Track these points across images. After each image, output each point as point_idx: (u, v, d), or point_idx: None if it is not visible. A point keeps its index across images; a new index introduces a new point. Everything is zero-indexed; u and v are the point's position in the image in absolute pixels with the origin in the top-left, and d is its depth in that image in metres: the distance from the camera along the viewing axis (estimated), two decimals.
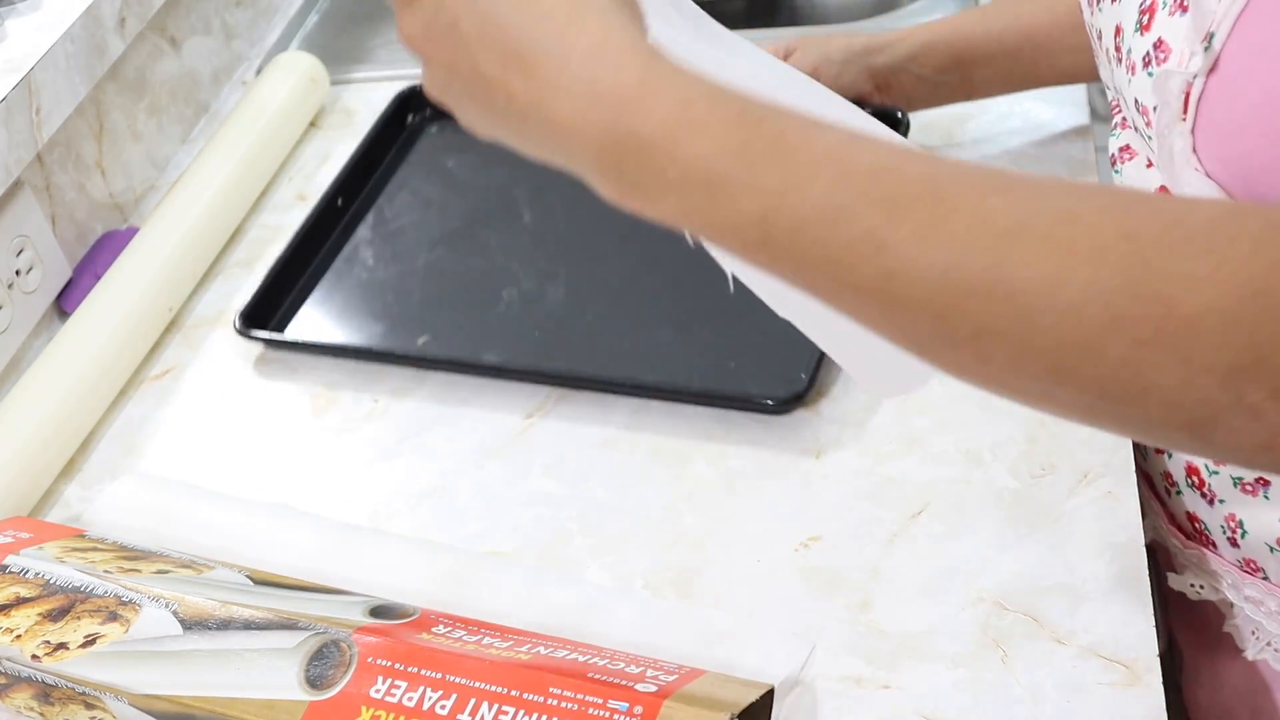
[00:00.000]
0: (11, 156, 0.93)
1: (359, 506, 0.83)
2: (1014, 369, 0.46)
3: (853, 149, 0.45)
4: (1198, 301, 0.43)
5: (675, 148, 0.44)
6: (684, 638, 0.70)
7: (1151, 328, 0.44)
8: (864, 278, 0.45)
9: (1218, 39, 0.60)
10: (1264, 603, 0.76)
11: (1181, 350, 0.44)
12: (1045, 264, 0.44)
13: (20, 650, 0.67)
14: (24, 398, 0.88)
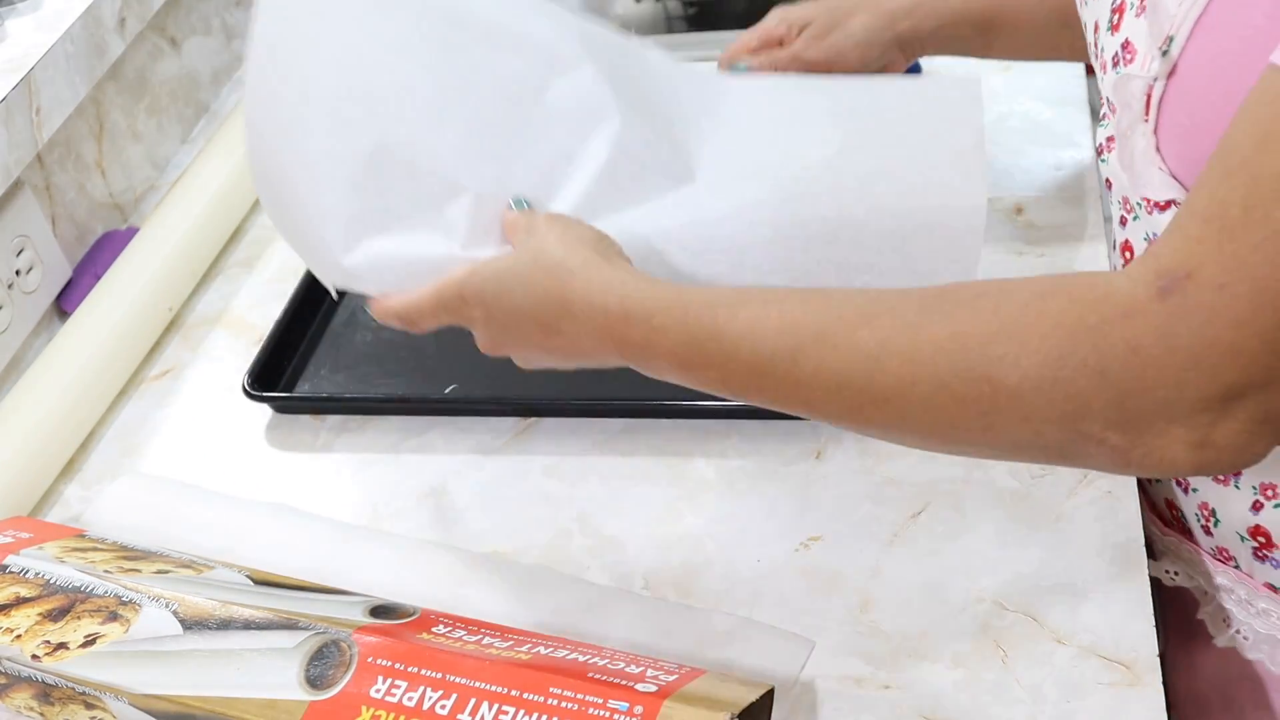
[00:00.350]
0: (11, 156, 0.93)
1: (359, 506, 0.83)
2: (914, 443, 0.62)
3: (764, 315, 0.62)
4: (1014, 376, 0.56)
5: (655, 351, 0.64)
6: (684, 638, 0.70)
7: (988, 401, 0.57)
8: (790, 404, 0.63)
9: (1176, 43, 0.62)
10: (1234, 591, 0.77)
11: (1019, 412, 0.56)
12: (902, 370, 0.58)
13: (20, 650, 0.67)
14: (24, 398, 0.88)
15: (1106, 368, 0.54)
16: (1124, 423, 0.55)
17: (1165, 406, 0.54)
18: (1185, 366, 0.53)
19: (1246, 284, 0.52)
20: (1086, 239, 0.92)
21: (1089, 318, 0.55)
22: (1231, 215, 0.53)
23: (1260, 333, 0.52)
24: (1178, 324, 0.53)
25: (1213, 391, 0.53)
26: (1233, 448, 0.55)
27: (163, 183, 1.17)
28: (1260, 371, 0.53)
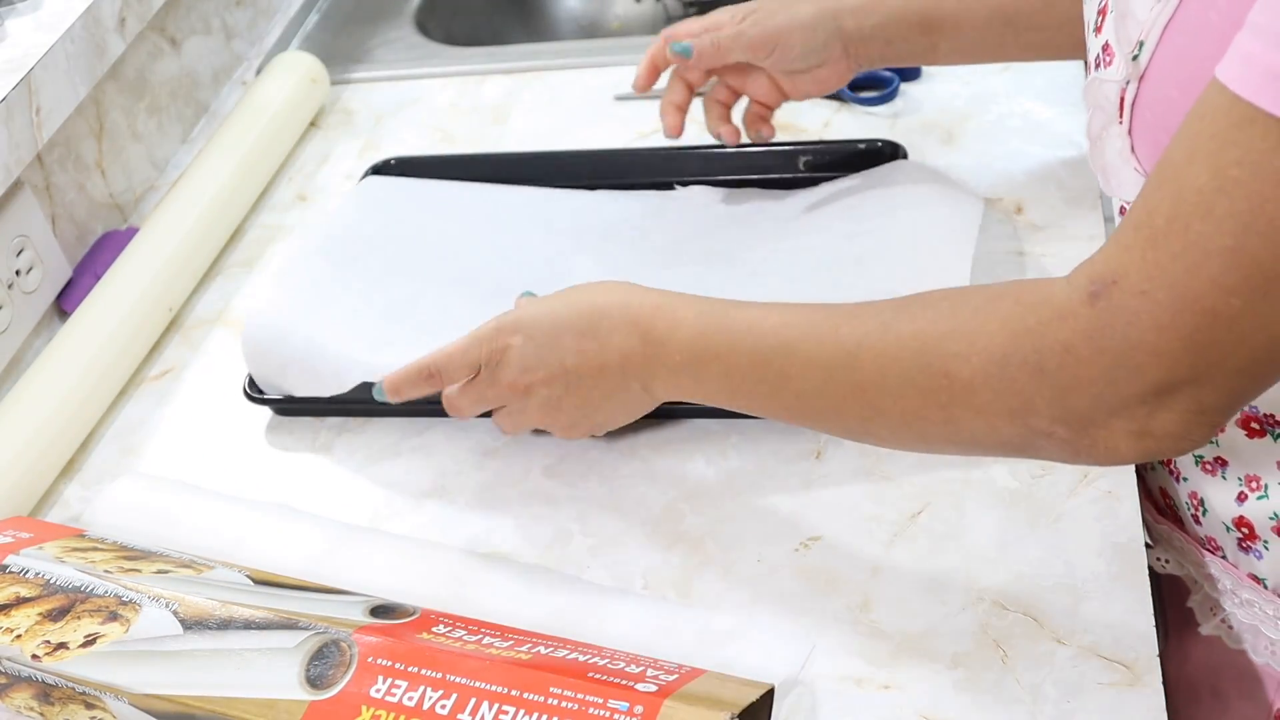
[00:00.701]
0: (11, 156, 0.93)
1: (359, 506, 0.83)
2: (893, 439, 0.68)
3: (766, 313, 0.69)
4: (967, 371, 0.61)
5: (672, 343, 0.71)
6: (684, 638, 0.70)
7: (946, 395, 0.62)
8: (783, 399, 0.69)
9: (1146, 47, 0.63)
10: (1221, 580, 0.78)
11: (973, 406, 0.62)
12: (876, 363, 0.64)
13: (20, 650, 0.67)
14: (24, 398, 0.88)
15: (1045, 366, 0.59)
16: (1067, 417, 0.59)
17: (1101, 401, 0.58)
18: (1114, 366, 0.57)
19: (1166, 291, 0.55)
20: (1086, 239, 0.92)
21: (1029, 319, 0.59)
22: (1157, 225, 0.55)
23: (1181, 336, 0.55)
24: (1105, 327, 0.57)
25: (1142, 388, 0.57)
26: (1171, 436, 0.58)
27: (163, 183, 1.17)
28: (1185, 370, 0.56)
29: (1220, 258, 0.53)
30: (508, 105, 1.19)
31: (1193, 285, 0.54)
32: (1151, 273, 0.55)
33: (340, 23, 1.35)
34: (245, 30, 1.34)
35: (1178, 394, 0.57)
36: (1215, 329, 0.54)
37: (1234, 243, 0.53)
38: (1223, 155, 0.53)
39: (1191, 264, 0.54)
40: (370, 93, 1.24)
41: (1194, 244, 0.54)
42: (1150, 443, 0.59)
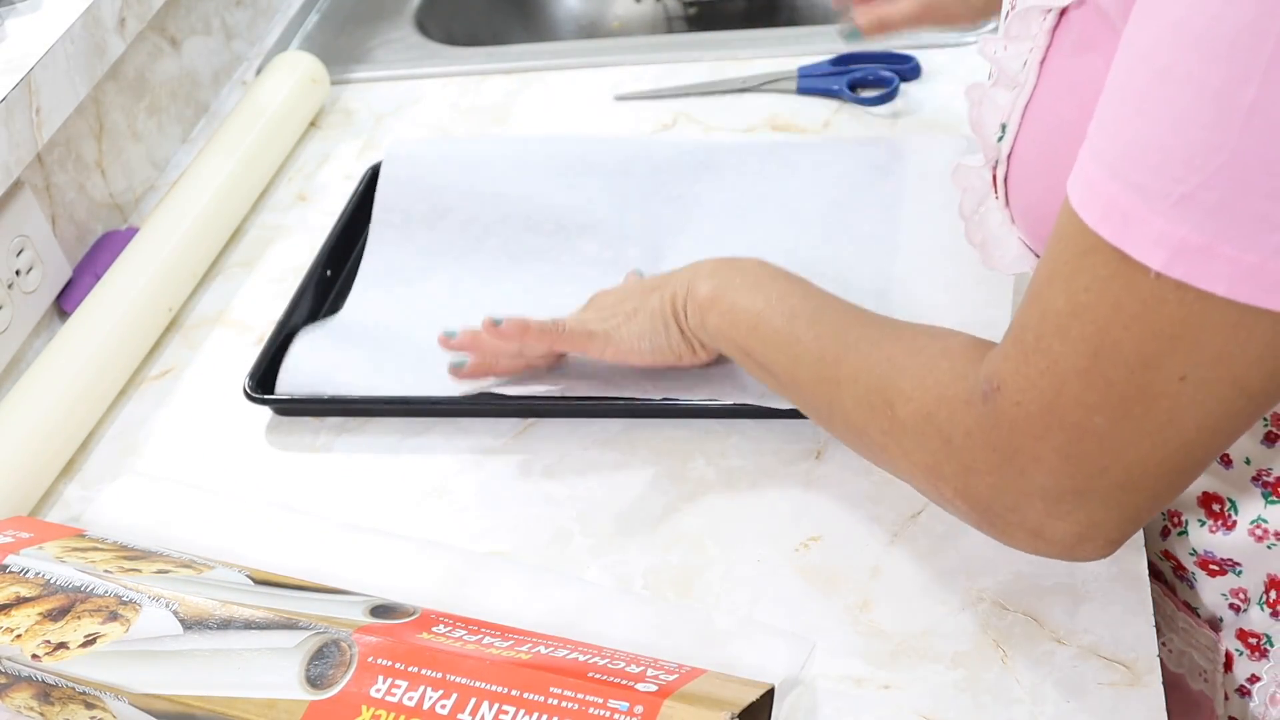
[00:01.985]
0: (11, 156, 0.93)
1: (359, 506, 0.83)
2: (850, 439, 0.71)
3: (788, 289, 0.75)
4: (903, 411, 0.64)
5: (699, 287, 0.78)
6: (684, 638, 0.70)
7: (886, 423, 0.65)
8: (780, 358, 0.73)
9: (1009, 129, 0.65)
10: (1161, 606, 0.79)
11: (902, 446, 0.64)
12: (853, 367, 0.68)
13: (20, 650, 0.67)
14: (24, 398, 0.88)
15: (952, 439, 0.61)
16: (967, 495, 0.61)
17: (997, 494, 0.60)
18: (1003, 464, 0.59)
19: (1037, 404, 0.56)
20: None
21: (952, 389, 0.62)
22: (1027, 340, 0.57)
23: (1056, 449, 0.56)
24: (993, 426, 0.59)
25: (1029, 490, 0.58)
26: (1064, 544, 0.59)
27: (163, 183, 1.17)
28: (1067, 480, 0.57)
29: (1079, 378, 0.55)
30: (508, 105, 1.19)
31: (1058, 402, 0.56)
32: (1024, 385, 0.57)
33: (340, 23, 1.35)
34: (245, 30, 1.34)
35: (1067, 504, 0.58)
36: (1085, 444, 0.56)
37: (1088, 364, 0.54)
38: (1074, 280, 0.54)
39: (1055, 382, 0.56)
40: (370, 93, 1.24)
41: (1055, 363, 0.55)
42: (1046, 546, 0.60)
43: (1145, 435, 0.55)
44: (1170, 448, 0.55)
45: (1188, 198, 0.49)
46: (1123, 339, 0.53)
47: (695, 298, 0.78)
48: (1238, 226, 0.48)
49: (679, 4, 1.48)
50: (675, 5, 1.48)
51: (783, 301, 0.74)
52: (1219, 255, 0.49)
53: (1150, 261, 0.50)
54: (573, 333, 0.81)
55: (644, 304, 0.81)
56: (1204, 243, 0.49)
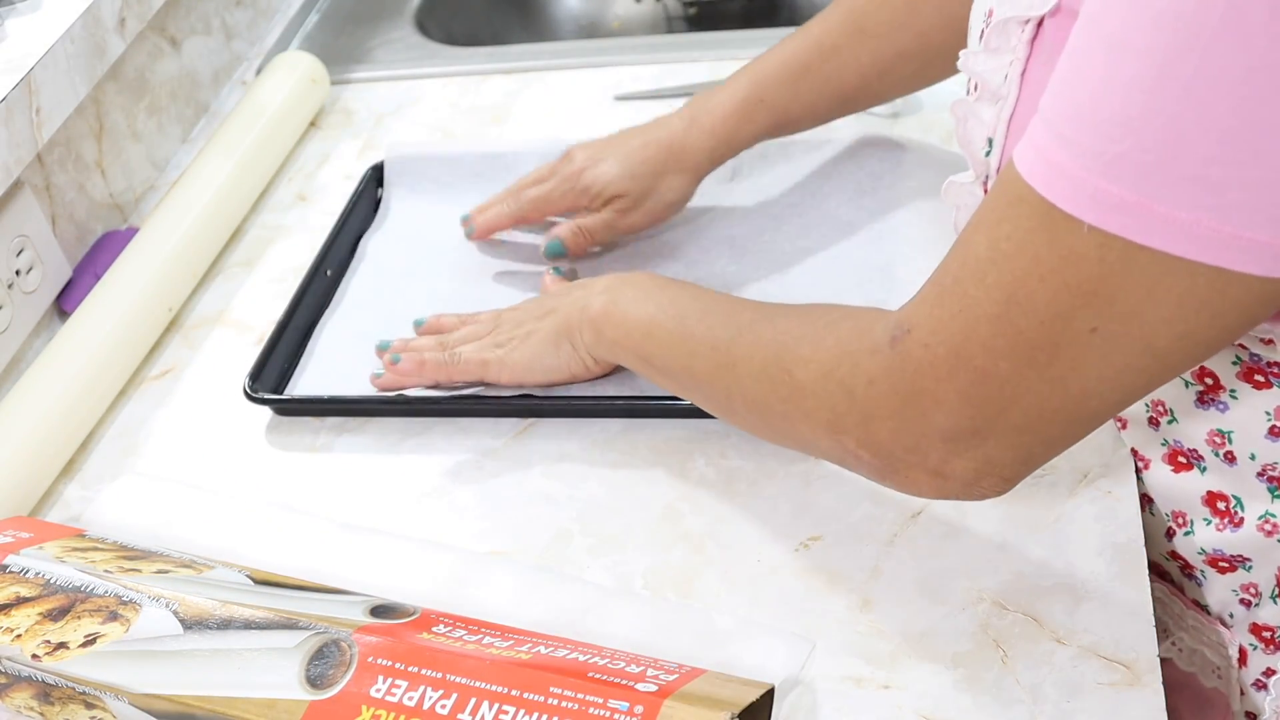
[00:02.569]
0: (11, 156, 0.93)
1: (359, 506, 0.83)
2: (742, 423, 0.73)
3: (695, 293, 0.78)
4: (803, 375, 0.66)
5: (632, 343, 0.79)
6: (684, 638, 0.70)
7: (786, 390, 0.67)
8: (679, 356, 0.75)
9: (995, 143, 0.66)
10: (1169, 605, 0.79)
11: (803, 409, 0.66)
12: (749, 347, 0.70)
13: (20, 650, 0.67)
14: (24, 398, 0.88)
15: (854, 390, 0.63)
16: (870, 443, 0.63)
17: (898, 437, 0.62)
18: (904, 406, 0.60)
19: (945, 347, 0.58)
20: None
21: (854, 344, 0.64)
22: (945, 284, 0.59)
23: (959, 391, 0.58)
24: (898, 370, 0.60)
25: (931, 432, 0.60)
26: (963, 481, 0.61)
27: (163, 183, 1.17)
28: (967, 422, 0.59)
29: (989, 324, 0.56)
30: (508, 105, 1.19)
31: (965, 346, 0.57)
32: (935, 328, 0.59)
33: (340, 23, 1.35)
34: (245, 30, 1.34)
35: (965, 443, 0.60)
36: (987, 387, 0.58)
37: (999, 311, 0.56)
38: (998, 229, 0.56)
39: (965, 326, 0.57)
40: (370, 93, 1.24)
41: (968, 308, 0.57)
42: (945, 484, 0.62)
43: (1047, 383, 0.57)
44: (1070, 396, 0.57)
45: (1123, 156, 0.50)
46: (1037, 290, 0.54)
47: (589, 314, 0.80)
48: (1171, 187, 0.50)
49: (679, 4, 1.48)
50: (675, 5, 1.48)
51: (673, 305, 0.77)
52: (1153, 213, 0.51)
53: (1083, 215, 0.52)
54: (467, 363, 0.85)
55: (538, 327, 0.84)
56: (1137, 200, 0.51)
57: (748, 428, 0.74)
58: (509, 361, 0.84)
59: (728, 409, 0.73)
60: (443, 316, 0.91)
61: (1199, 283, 0.52)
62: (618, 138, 0.96)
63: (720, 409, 0.74)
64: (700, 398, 0.76)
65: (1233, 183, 0.49)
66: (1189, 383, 0.70)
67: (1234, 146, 0.49)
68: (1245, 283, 0.51)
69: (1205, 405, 0.70)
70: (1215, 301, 0.52)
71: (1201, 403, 0.70)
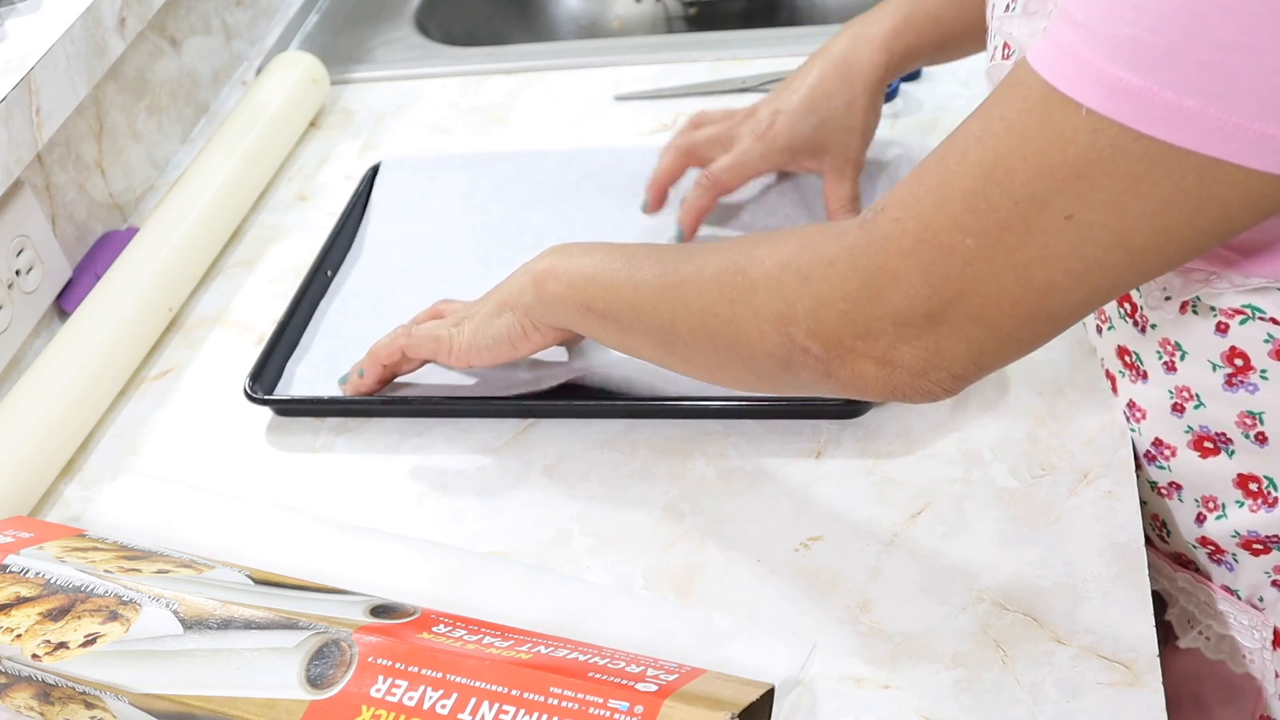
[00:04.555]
0: (11, 156, 0.93)
1: (359, 506, 0.83)
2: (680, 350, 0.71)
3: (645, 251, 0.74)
4: (757, 271, 0.64)
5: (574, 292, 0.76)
6: (684, 638, 0.70)
7: (736, 290, 0.65)
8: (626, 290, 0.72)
9: None
10: (1194, 594, 0.78)
11: (753, 304, 0.64)
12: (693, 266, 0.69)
13: (20, 649, 0.67)
14: (24, 397, 0.88)
15: (811, 275, 0.62)
16: (819, 330, 0.62)
17: (849, 321, 0.61)
18: (862, 286, 0.60)
19: (914, 220, 0.58)
20: None
21: (819, 235, 0.63)
22: (928, 164, 0.59)
23: (920, 266, 0.58)
24: (862, 247, 0.60)
25: (883, 313, 0.59)
26: (910, 371, 0.60)
27: (163, 183, 1.17)
28: (922, 303, 0.58)
29: (962, 200, 0.56)
30: (508, 105, 1.19)
31: (935, 219, 0.57)
32: (908, 203, 0.58)
33: (340, 23, 1.35)
34: (245, 30, 1.34)
35: (918, 328, 0.59)
36: (950, 265, 0.57)
37: (975, 186, 0.55)
38: (994, 109, 0.56)
39: (939, 200, 0.57)
40: (370, 93, 1.24)
41: (945, 182, 0.57)
42: (892, 374, 0.61)
43: (1011, 269, 0.56)
44: (1033, 288, 0.56)
45: (1134, 39, 0.50)
46: (1018, 168, 0.54)
47: (532, 275, 0.78)
48: (1181, 72, 0.49)
49: (679, 4, 1.48)
50: (675, 5, 1.48)
51: (620, 253, 0.75)
52: (1157, 99, 0.50)
53: (1083, 99, 0.51)
54: (421, 340, 0.84)
55: (480, 307, 0.83)
56: (1143, 86, 0.50)
57: (690, 358, 0.71)
58: (456, 340, 0.83)
59: (671, 339, 0.70)
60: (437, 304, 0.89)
61: (1188, 176, 0.51)
62: (791, 83, 0.92)
63: (664, 342, 0.71)
64: (644, 336, 0.72)
65: (1248, 70, 0.48)
66: (1217, 365, 0.69)
67: (1255, 32, 0.48)
68: (1235, 178, 0.51)
69: (1234, 388, 0.69)
70: (1200, 197, 0.52)
71: (1230, 385, 0.70)
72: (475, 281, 0.97)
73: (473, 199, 1.05)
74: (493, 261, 0.99)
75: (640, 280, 0.72)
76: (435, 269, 0.99)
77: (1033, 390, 0.81)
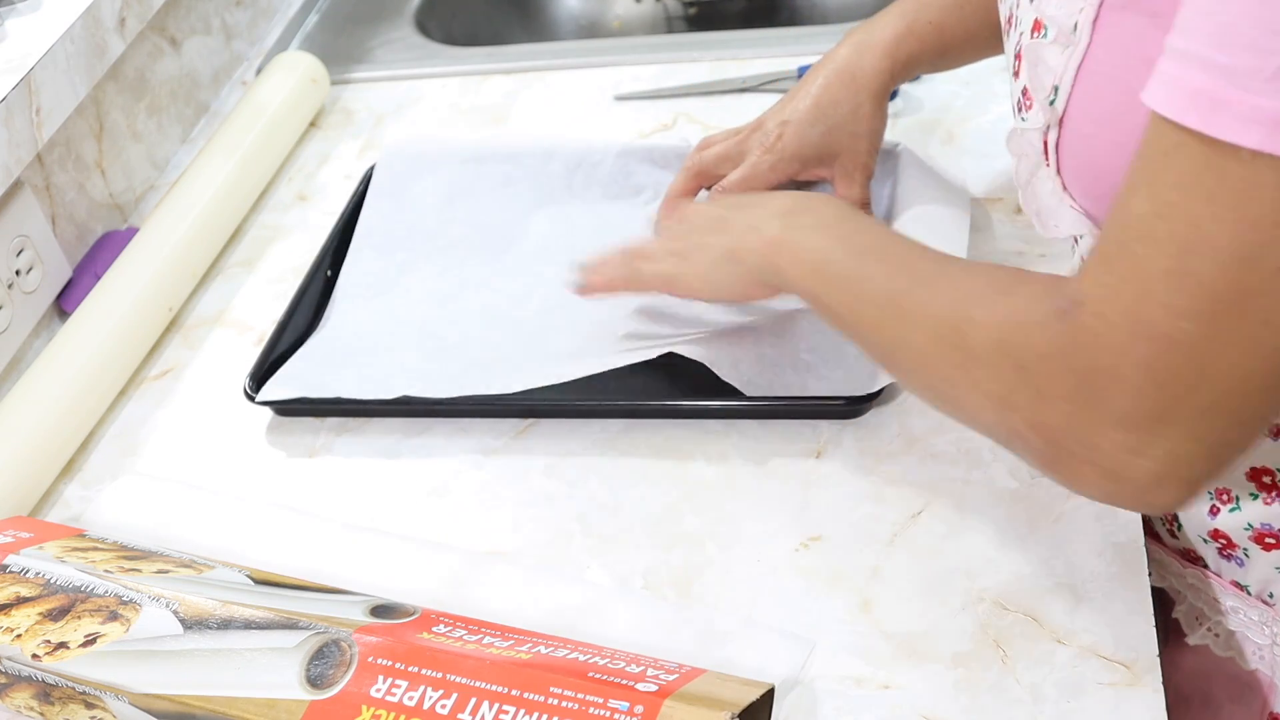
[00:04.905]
0: (11, 156, 0.93)
1: (359, 506, 0.83)
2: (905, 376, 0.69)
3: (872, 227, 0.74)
4: (974, 339, 0.61)
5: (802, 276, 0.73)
6: (684, 638, 0.70)
7: (957, 355, 0.62)
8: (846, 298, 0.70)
9: (1061, 92, 0.64)
10: (1203, 591, 0.78)
11: (971, 377, 0.61)
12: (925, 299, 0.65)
13: (20, 649, 0.67)
14: (24, 397, 0.88)
15: (1026, 365, 0.58)
16: (1040, 425, 0.58)
17: (1073, 422, 0.57)
18: (1080, 386, 0.56)
19: (1120, 315, 0.54)
20: None
21: (1026, 314, 0.59)
22: (1109, 251, 0.55)
23: (1140, 363, 0.54)
24: (1071, 345, 0.56)
25: (1106, 418, 0.56)
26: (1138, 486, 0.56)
27: (163, 183, 1.17)
28: (1150, 403, 0.54)
29: (1165, 280, 0.52)
30: (508, 105, 1.19)
31: (1144, 309, 0.53)
32: (1105, 295, 0.55)
33: (340, 23, 1.35)
34: (245, 30, 1.34)
35: (1146, 433, 0.55)
36: (1172, 356, 0.53)
37: (1176, 264, 0.52)
38: (1158, 180, 0.52)
39: (1140, 288, 0.53)
40: (370, 93, 1.24)
41: (1138, 267, 0.53)
42: (1119, 488, 0.58)
43: (1237, 342, 0.52)
44: (1264, 354, 0.52)
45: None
46: (1215, 232, 0.50)
47: (762, 239, 0.75)
48: None
49: (679, 4, 1.48)
50: (675, 5, 1.48)
51: (850, 241, 0.72)
52: None
53: (1244, 140, 0.49)
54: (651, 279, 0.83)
55: (710, 243, 0.80)
56: None
57: (910, 386, 0.70)
58: (685, 280, 0.81)
59: (891, 363, 0.69)
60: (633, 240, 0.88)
61: None
62: (796, 94, 0.92)
63: (884, 361, 0.70)
64: (864, 345, 0.71)
65: None
66: None
67: None
68: None
69: None
70: None
71: None
72: (475, 282, 0.98)
73: (471, 194, 1.05)
74: (494, 261, 0.99)
75: (865, 293, 0.69)
76: (435, 269, 0.99)
77: None
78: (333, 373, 0.90)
